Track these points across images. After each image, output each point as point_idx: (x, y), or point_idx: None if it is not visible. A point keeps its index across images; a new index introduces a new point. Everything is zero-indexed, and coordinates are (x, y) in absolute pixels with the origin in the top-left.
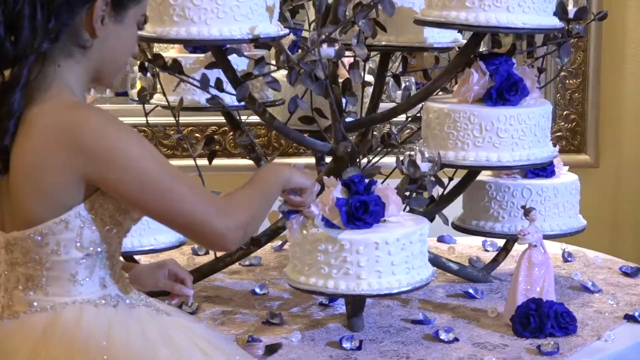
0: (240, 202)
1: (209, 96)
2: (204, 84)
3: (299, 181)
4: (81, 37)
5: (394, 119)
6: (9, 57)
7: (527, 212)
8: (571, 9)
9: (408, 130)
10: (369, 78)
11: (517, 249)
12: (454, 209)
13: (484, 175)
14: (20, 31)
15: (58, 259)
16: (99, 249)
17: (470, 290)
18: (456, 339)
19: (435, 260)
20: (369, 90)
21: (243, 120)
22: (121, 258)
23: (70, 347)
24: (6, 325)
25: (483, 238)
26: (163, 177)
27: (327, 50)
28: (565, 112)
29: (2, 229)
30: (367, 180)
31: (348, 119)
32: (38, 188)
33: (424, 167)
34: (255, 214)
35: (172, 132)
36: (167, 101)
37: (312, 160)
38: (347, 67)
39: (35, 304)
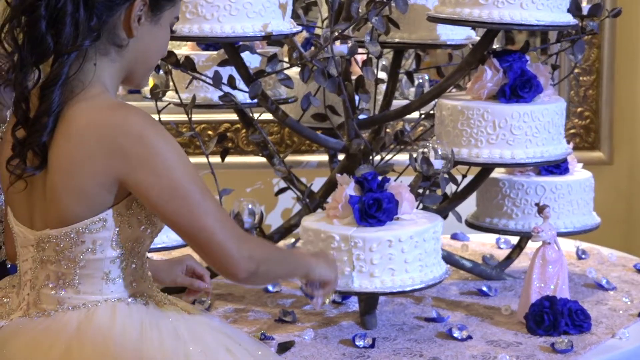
0: (261, 242)
1: (221, 93)
2: (216, 81)
3: (323, 274)
4: (118, 36)
5: (407, 116)
6: (49, 53)
7: (540, 209)
8: (585, 6)
9: (421, 128)
10: (382, 75)
11: (531, 246)
12: (468, 207)
13: (497, 173)
14: (62, 27)
15: (93, 257)
16: (133, 248)
17: (484, 288)
18: (470, 337)
19: (449, 258)
20: (382, 87)
21: (256, 118)
22: None
23: (105, 345)
24: (37, 323)
25: (497, 235)
26: (194, 190)
27: (339, 48)
28: (579, 109)
29: (31, 227)
30: (380, 178)
31: (361, 117)
32: (76, 187)
33: (437, 164)
34: (272, 259)
35: (184, 130)
36: (180, 98)
37: (325, 157)
38: (360, 64)
39: (66, 302)
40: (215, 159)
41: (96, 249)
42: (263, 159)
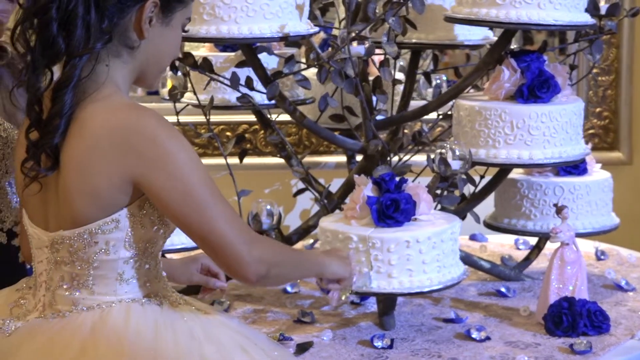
0: (272, 244)
1: (239, 95)
2: (234, 82)
3: (337, 271)
4: (129, 38)
5: (425, 117)
6: (61, 55)
7: (559, 210)
8: (603, 5)
9: (439, 128)
10: (400, 76)
11: (550, 247)
12: (486, 207)
13: (515, 173)
14: (73, 30)
15: (106, 258)
16: (146, 249)
17: (502, 289)
18: (488, 338)
19: (467, 259)
20: (400, 88)
21: (273, 119)
22: None
23: (119, 345)
24: (52, 324)
25: (515, 236)
26: (205, 192)
27: (357, 48)
28: (597, 109)
29: (45, 229)
30: (397, 179)
31: (378, 117)
32: (89, 188)
33: (455, 165)
34: (283, 262)
35: (203, 131)
36: (198, 100)
37: (343, 158)
38: (377, 64)
39: (80, 303)
40: (234, 160)
41: (109, 249)
42: (281, 160)
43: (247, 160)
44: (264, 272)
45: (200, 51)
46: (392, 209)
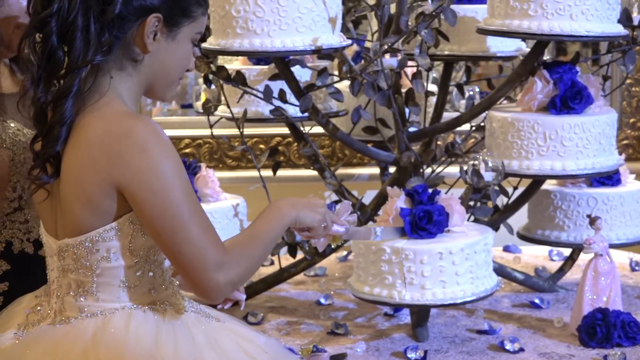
0: (239, 258)
1: (272, 107)
2: (267, 95)
3: (305, 221)
4: (133, 51)
5: (458, 129)
6: (61, 67)
7: (592, 221)
8: (636, 16)
9: (472, 140)
10: (432, 88)
11: (583, 258)
12: (519, 219)
13: (548, 184)
14: (73, 42)
15: (108, 265)
16: (149, 256)
17: (536, 300)
18: (522, 349)
19: (501, 270)
20: (432, 99)
21: (307, 131)
22: None
23: (119, 351)
24: (58, 330)
25: (549, 247)
26: (183, 213)
27: (389, 61)
28: (631, 120)
29: (54, 236)
30: (430, 190)
31: (411, 129)
32: (83, 195)
33: (488, 176)
34: (251, 268)
35: (236, 144)
36: (232, 113)
37: (376, 170)
38: (410, 77)
39: (85, 309)
40: (267, 173)
41: (110, 257)
42: (314, 172)
43: (281, 172)
44: (229, 292)
45: (234, 64)
46: (425, 221)
